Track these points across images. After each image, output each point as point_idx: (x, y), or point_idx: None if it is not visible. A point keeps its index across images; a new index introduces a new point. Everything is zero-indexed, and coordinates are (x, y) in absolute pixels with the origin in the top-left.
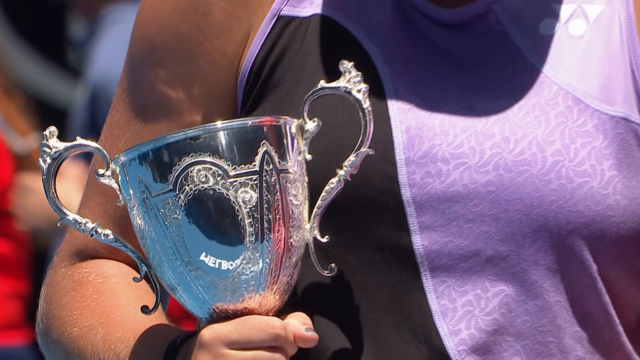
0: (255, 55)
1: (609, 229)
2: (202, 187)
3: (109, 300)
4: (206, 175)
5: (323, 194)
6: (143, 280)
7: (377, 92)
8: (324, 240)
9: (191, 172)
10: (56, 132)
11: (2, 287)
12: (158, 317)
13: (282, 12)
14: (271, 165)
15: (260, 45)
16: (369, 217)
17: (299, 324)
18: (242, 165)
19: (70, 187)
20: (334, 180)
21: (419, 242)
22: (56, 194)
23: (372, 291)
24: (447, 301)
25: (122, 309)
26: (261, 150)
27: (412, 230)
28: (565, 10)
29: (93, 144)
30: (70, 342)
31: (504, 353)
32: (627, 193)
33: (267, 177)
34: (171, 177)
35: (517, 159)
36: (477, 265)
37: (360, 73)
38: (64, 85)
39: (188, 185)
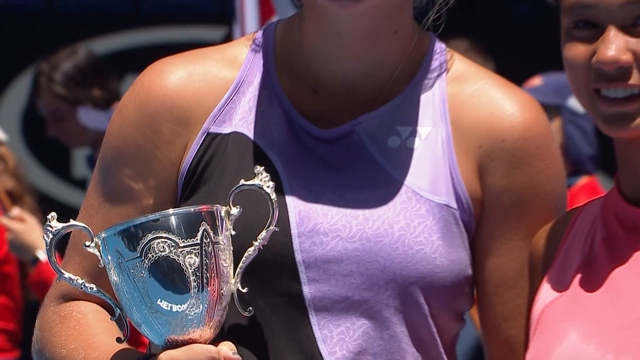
0: (191, 160)
1: (436, 282)
2: (161, 254)
3: (87, 330)
4: (163, 246)
5: (243, 258)
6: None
7: (278, 188)
8: (244, 290)
9: (153, 244)
10: (55, 216)
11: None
12: (124, 344)
13: (210, 130)
14: (208, 239)
15: (195, 153)
16: (272, 273)
17: (227, 349)
18: (188, 239)
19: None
20: (251, 249)
21: (307, 290)
22: (56, 258)
23: (274, 325)
24: (326, 331)
25: (97, 337)
26: (201, 229)
27: (303, 282)
28: (405, 131)
29: (81, 224)
30: (59, 359)
31: None
32: (449, 257)
33: (206, 247)
34: (139, 248)
35: (374, 232)
36: (347, 306)
37: (268, 174)
38: (69, 192)
39: (151, 253)
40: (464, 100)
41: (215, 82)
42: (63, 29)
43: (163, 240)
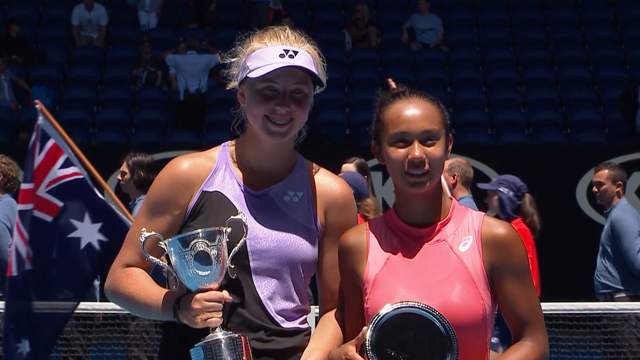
0: (194, 204)
1: (307, 262)
2: (199, 249)
3: (141, 281)
4: (201, 245)
5: (232, 253)
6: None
7: (243, 223)
8: (232, 266)
9: (196, 244)
10: (144, 229)
11: None
12: (167, 289)
13: (203, 189)
14: (220, 243)
15: (195, 200)
16: (238, 257)
17: (226, 294)
18: (211, 242)
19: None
20: (236, 247)
21: (251, 265)
22: (145, 249)
23: (239, 281)
24: (259, 283)
25: (147, 284)
26: (217, 237)
27: (250, 261)
28: (291, 193)
29: (157, 234)
30: (126, 295)
31: (277, 299)
32: (312, 251)
33: (219, 246)
34: (189, 246)
35: (282, 239)
36: (269, 272)
37: (244, 214)
38: None
39: (194, 248)
40: (317, 181)
41: (205, 168)
42: None
43: (200, 242)
